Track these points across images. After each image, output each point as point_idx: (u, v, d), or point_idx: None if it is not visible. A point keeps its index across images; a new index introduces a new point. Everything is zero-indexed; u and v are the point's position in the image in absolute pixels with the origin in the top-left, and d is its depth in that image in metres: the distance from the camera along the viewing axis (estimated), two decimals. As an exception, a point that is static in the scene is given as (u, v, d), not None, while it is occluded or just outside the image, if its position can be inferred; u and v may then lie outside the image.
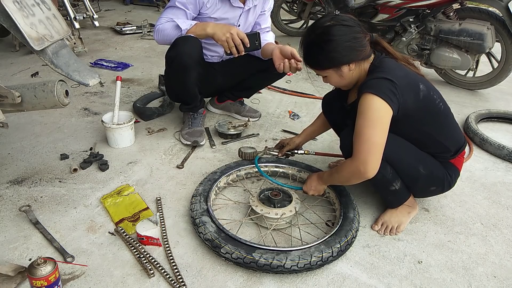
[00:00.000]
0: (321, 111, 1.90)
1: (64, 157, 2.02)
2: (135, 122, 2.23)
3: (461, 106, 2.88)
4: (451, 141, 1.57)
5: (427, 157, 1.55)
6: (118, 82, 2.17)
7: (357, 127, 1.38)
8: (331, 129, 1.92)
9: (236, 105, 2.54)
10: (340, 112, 1.72)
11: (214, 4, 2.01)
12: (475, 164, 2.14)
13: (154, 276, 1.34)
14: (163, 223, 1.58)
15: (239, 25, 2.15)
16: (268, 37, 2.22)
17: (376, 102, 1.33)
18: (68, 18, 2.45)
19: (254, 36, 1.93)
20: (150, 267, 1.35)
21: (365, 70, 1.47)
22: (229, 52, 1.93)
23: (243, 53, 1.94)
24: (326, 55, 1.43)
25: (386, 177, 1.50)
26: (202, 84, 2.19)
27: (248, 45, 1.93)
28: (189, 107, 2.26)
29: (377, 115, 1.34)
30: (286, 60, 1.90)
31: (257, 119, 2.54)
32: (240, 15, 2.12)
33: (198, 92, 2.21)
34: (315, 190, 1.63)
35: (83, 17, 3.18)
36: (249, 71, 2.28)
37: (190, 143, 2.16)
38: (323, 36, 1.42)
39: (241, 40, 1.89)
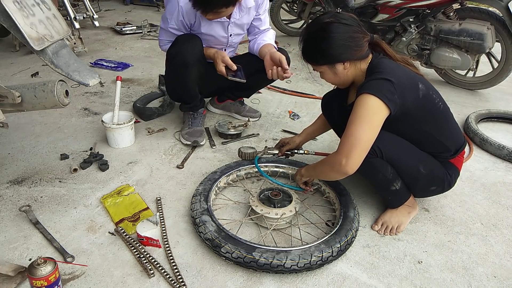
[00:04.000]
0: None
1: (64, 157, 2.02)
2: (135, 122, 2.23)
3: (461, 106, 2.88)
4: (451, 140, 1.57)
5: (427, 157, 1.55)
6: (118, 82, 2.17)
7: (347, 123, 1.38)
8: (331, 129, 1.92)
9: (236, 105, 2.54)
10: (340, 112, 1.72)
11: (198, 22, 2.03)
12: (475, 164, 2.14)
13: (154, 276, 1.34)
14: (163, 223, 1.58)
15: (230, 35, 2.16)
16: (267, 37, 2.22)
17: (369, 100, 1.34)
18: (68, 18, 2.46)
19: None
20: (150, 267, 1.35)
21: (361, 70, 1.47)
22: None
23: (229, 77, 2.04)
24: (321, 52, 1.45)
25: (386, 177, 1.50)
26: (203, 83, 2.20)
27: (235, 68, 2.04)
28: (189, 106, 2.27)
29: (367, 113, 1.34)
30: (275, 67, 1.95)
31: (257, 119, 2.54)
32: (228, 26, 2.11)
33: (199, 91, 2.21)
34: (301, 179, 1.66)
35: (83, 17, 3.18)
36: (248, 71, 2.28)
37: (190, 143, 2.16)
38: (320, 33, 1.43)
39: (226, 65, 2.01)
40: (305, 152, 1.90)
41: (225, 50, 2.24)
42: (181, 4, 1.91)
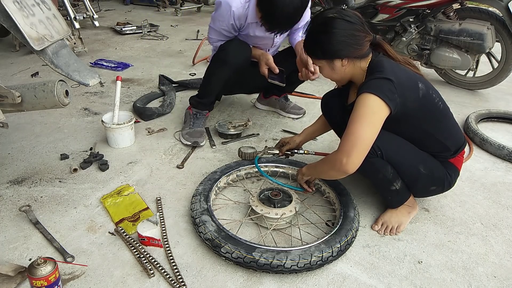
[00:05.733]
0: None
1: (64, 157, 2.02)
2: (135, 122, 2.23)
3: (461, 106, 2.88)
4: (451, 140, 1.57)
5: (427, 157, 1.55)
6: (118, 82, 2.17)
7: (348, 122, 1.39)
8: (332, 129, 1.92)
9: (281, 101, 2.61)
10: (340, 112, 1.72)
11: (247, 25, 2.08)
12: (475, 164, 2.14)
13: (154, 276, 1.34)
14: (163, 223, 1.58)
15: (276, 36, 2.20)
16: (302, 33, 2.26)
17: (370, 99, 1.34)
18: (68, 18, 2.45)
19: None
20: (150, 267, 1.35)
21: (361, 69, 1.47)
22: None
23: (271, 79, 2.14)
24: (321, 46, 1.45)
25: (387, 177, 1.50)
26: (235, 86, 2.37)
27: (277, 72, 2.13)
28: (198, 102, 2.29)
29: (368, 111, 1.34)
30: (304, 69, 1.98)
31: (301, 116, 2.58)
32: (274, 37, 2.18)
33: (215, 95, 2.32)
34: (302, 179, 1.66)
35: (83, 17, 3.18)
36: (288, 69, 2.26)
37: (190, 143, 2.16)
38: (321, 27, 1.44)
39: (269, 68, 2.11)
40: (305, 152, 1.90)
41: (268, 50, 2.30)
42: (234, 9, 1.97)
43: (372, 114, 1.34)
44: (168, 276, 1.33)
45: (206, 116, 2.36)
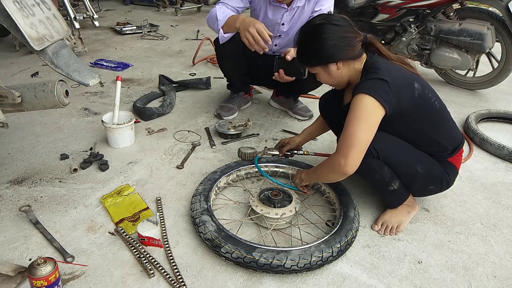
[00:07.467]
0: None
1: (64, 157, 2.02)
2: (135, 122, 2.23)
3: (461, 106, 2.88)
4: (448, 139, 1.57)
5: (424, 156, 1.55)
6: (118, 82, 2.17)
7: (344, 124, 1.39)
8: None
9: (290, 102, 2.64)
10: (337, 113, 1.72)
11: (264, 4, 2.17)
12: (475, 164, 2.14)
13: (154, 276, 1.34)
14: (163, 223, 1.58)
15: (283, 24, 2.24)
16: None
17: (365, 100, 1.34)
18: (68, 18, 2.45)
19: (298, 65, 1.92)
20: (150, 267, 1.35)
21: (356, 70, 1.48)
22: (253, 49, 2.01)
23: (266, 49, 1.99)
24: (313, 53, 1.47)
25: (384, 178, 1.50)
26: (248, 72, 2.45)
27: (270, 42, 1.97)
28: (229, 85, 2.61)
29: (364, 112, 1.34)
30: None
31: (306, 118, 2.57)
32: (283, 14, 2.20)
33: (239, 79, 2.53)
34: (300, 183, 1.67)
35: (83, 17, 3.17)
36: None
37: (215, 114, 2.50)
38: (311, 34, 1.45)
39: (262, 37, 1.93)
40: (305, 152, 1.90)
41: (275, 45, 2.33)
42: None
43: (368, 115, 1.35)
44: (168, 276, 1.33)
45: (243, 97, 2.62)
